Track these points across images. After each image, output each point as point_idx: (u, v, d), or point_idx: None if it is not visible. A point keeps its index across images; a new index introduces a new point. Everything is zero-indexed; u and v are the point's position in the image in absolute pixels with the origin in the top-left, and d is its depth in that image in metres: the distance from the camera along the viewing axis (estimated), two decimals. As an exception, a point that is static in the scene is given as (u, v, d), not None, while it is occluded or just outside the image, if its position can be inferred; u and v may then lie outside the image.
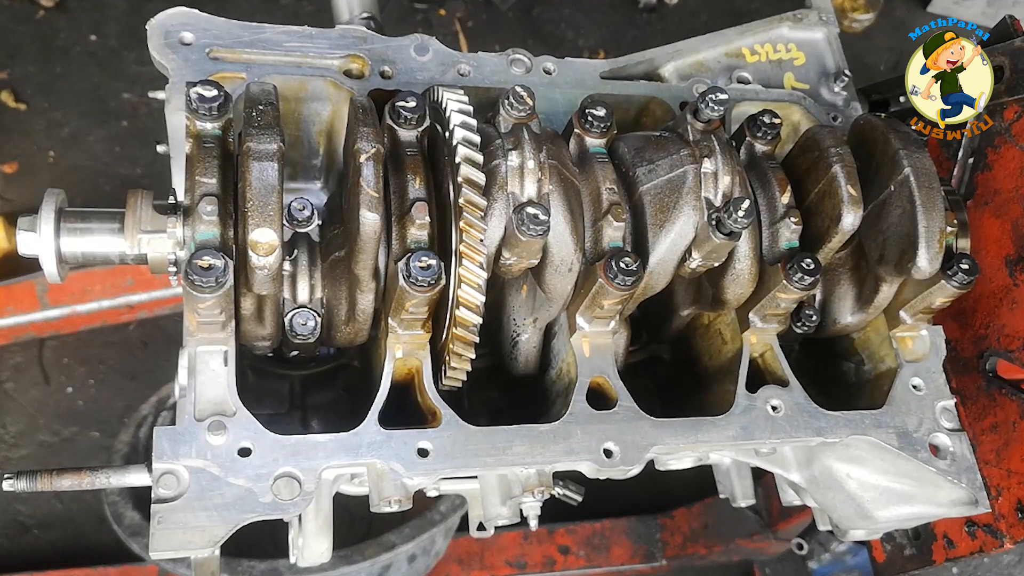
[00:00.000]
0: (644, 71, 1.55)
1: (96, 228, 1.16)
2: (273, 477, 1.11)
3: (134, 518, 2.67)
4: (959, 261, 1.35)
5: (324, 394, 1.52)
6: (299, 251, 1.26)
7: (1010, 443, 1.50)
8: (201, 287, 1.03)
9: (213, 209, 1.07)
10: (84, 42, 3.85)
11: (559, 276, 1.23)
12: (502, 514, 1.36)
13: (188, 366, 1.15)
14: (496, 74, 1.42)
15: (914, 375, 1.44)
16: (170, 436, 1.10)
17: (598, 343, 1.30)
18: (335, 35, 1.36)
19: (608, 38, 4.33)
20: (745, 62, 1.59)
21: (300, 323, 1.25)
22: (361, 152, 1.12)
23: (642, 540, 3.20)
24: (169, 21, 1.28)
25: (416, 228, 1.14)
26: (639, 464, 1.25)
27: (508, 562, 3.07)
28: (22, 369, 3.36)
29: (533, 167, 1.19)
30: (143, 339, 3.44)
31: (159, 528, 1.06)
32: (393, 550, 2.46)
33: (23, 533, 3.16)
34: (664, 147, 1.30)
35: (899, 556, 1.80)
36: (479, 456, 1.19)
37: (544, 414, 1.36)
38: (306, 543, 1.30)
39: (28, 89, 3.73)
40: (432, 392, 1.22)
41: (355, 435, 1.16)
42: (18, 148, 3.63)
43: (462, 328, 1.19)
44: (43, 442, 3.29)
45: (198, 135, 1.12)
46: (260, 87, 1.20)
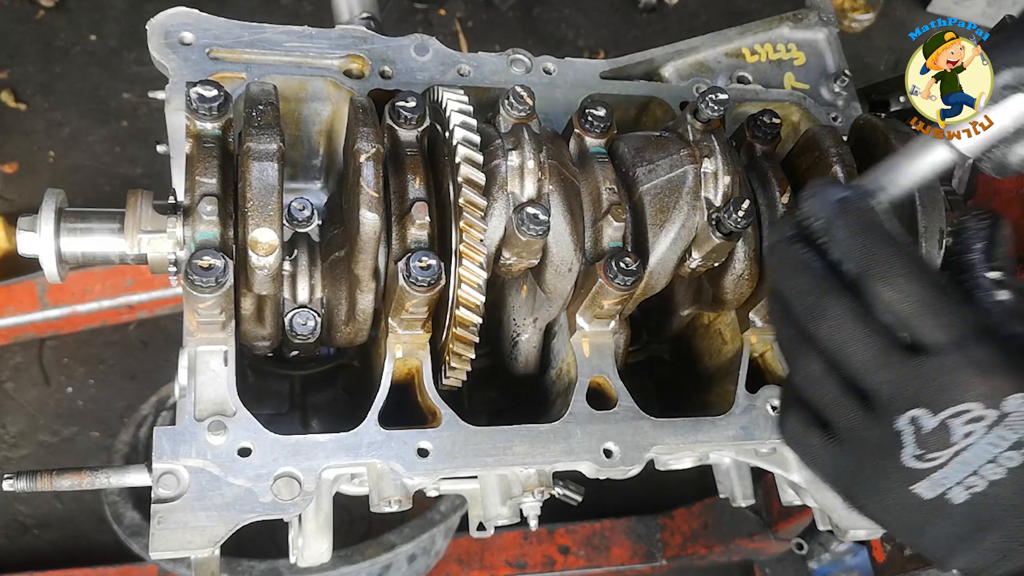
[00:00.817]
0: (644, 71, 1.55)
1: (96, 228, 1.16)
2: (273, 477, 1.11)
3: (134, 518, 2.67)
4: (959, 261, 1.35)
5: (324, 394, 1.52)
6: (299, 251, 1.26)
7: (1010, 443, 1.50)
8: (201, 287, 1.03)
9: (213, 209, 1.07)
10: (84, 42, 3.85)
11: (559, 276, 1.24)
12: (502, 514, 1.36)
13: (188, 366, 1.15)
14: (496, 74, 1.42)
15: (914, 375, 1.44)
16: (170, 436, 1.10)
17: (598, 343, 1.30)
18: (335, 35, 1.36)
19: (608, 38, 4.33)
20: (745, 62, 1.59)
21: (300, 323, 1.25)
22: (361, 152, 1.12)
23: (642, 540, 3.20)
24: (169, 21, 1.28)
25: (416, 228, 1.14)
26: (639, 464, 1.25)
27: (508, 562, 3.07)
28: (22, 369, 3.36)
29: (533, 167, 1.19)
30: (143, 339, 3.44)
31: (159, 528, 1.06)
32: (393, 550, 2.46)
33: (23, 533, 3.16)
34: (664, 147, 1.30)
35: (899, 556, 1.80)
36: (479, 456, 1.19)
37: (544, 414, 1.36)
38: (306, 543, 1.30)
39: (28, 89, 3.73)
40: (432, 392, 1.22)
41: (355, 435, 1.16)
42: (18, 148, 3.63)
43: (462, 328, 1.19)
44: (43, 442, 3.29)
45: (198, 135, 1.12)
46: (260, 87, 1.20)
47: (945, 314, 0.85)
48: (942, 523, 0.86)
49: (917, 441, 0.84)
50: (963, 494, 0.84)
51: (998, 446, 0.83)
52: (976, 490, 0.84)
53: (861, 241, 0.88)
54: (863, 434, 0.88)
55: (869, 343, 0.87)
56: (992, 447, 0.83)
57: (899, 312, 0.87)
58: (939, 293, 0.86)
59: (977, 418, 0.83)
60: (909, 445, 0.85)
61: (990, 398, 0.83)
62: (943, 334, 0.85)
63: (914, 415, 0.84)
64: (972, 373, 0.83)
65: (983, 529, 0.85)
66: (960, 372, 0.84)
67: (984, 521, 0.84)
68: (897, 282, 0.86)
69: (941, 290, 0.86)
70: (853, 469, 0.90)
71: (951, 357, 0.84)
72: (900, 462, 0.85)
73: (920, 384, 0.84)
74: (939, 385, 0.84)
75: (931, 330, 0.86)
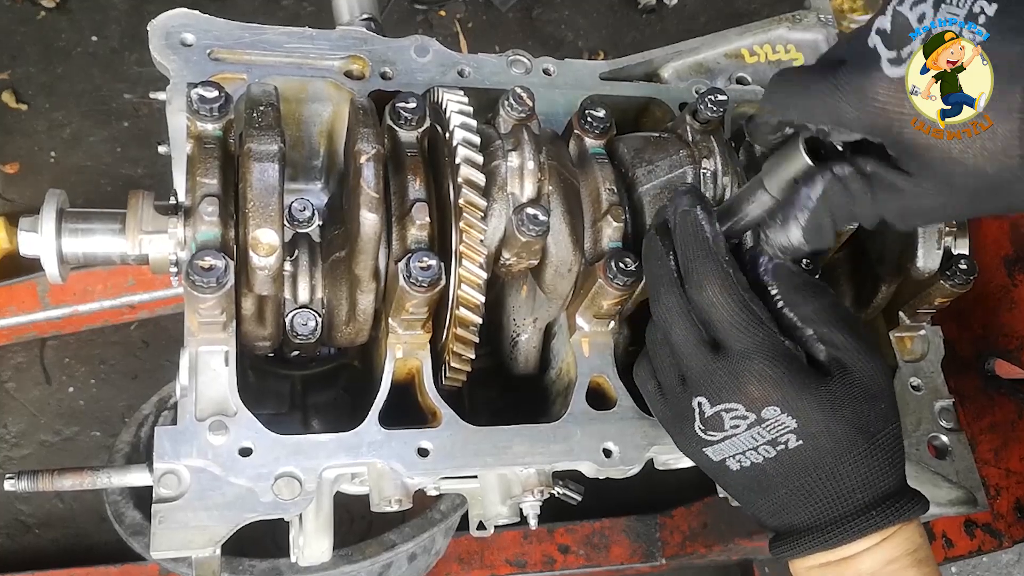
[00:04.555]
0: (643, 72, 1.56)
1: (97, 229, 1.17)
2: (274, 477, 1.11)
3: (135, 517, 2.67)
4: (958, 261, 1.36)
5: (325, 394, 1.53)
6: (300, 251, 1.27)
7: (1008, 443, 1.50)
8: (202, 287, 1.03)
9: (214, 210, 1.08)
10: (85, 43, 3.85)
11: (559, 276, 1.24)
12: (502, 513, 1.36)
13: (189, 366, 1.15)
14: (496, 75, 1.42)
15: (912, 375, 1.44)
16: (171, 436, 1.10)
17: (598, 343, 1.30)
18: (336, 36, 1.37)
19: (608, 39, 4.33)
20: (744, 63, 1.60)
21: (301, 323, 1.25)
22: (362, 153, 1.13)
23: (641, 539, 3.20)
24: (170, 22, 1.29)
25: (416, 228, 1.14)
26: (639, 464, 1.26)
27: (508, 561, 3.08)
28: (23, 369, 3.36)
29: (533, 168, 1.19)
30: (144, 339, 3.44)
31: (160, 527, 1.07)
32: (393, 549, 2.46)
33: (24, 532, 3.16)
34: (663, 148, 1.31)
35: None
36: (479, 456, 1.20)
37: (544, 414, 1.36)
38: (307, 542, 1.30)
39: (29, 90, 3.73)
40: (432, 392, 1.22)
41: (355, 435, 1.17)
42: (19, 149, 3.63)
43: (462, 328, 1.19)
44: (44, 442, 3.29)
45: (199, 136, 1.13)
46: (261, 88, 1.20)
47: (738, 327, 1.04)
48: (729, 480, 1.11)
49: (701, 420, 1.07)
50: (736, 465, 1.08)
51: (756, 440, 1.05)
52: (745, 465, 1.07)
53: (684, 249, 1.08)
54: (675, 400, 1.11)
55: (686, 333, 1.07)
56: (753, 440, 1.05)
57: (705, 314, 1.06)
58: (740, 307, 1.04)
59: (742, 416, 1.04)
60: (697, 421, 1.07)
61: (753, 403, 1.03)
62: (735, 343, 1.04)
63: (700, 401, 1.06)
64: (745, 381, 1.03)
65: (756, 492, 1.09)
66: (736, 378, 1.03)
67: (756, 487, 1.08)
68: (705, 290, 1.05)
69: (742, 304, 1.04)
70: (670, 422, 1.14)
71: (734, 364, 1.03)
72: (694, 430, 1.09)
73: (708, 378, 1.05)
74: (720, 384, 1.04)
75: (726, 337, 1.05)
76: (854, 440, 1.03)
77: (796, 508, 1.06)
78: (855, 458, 1.03)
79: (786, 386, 1.02)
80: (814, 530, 1.05)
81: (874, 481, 1.04)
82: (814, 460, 1.03)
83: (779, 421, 1.03)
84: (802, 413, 1.02)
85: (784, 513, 1.07)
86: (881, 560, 1.04)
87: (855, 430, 1.03)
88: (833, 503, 1.04)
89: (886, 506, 1.04)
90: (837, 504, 1.04)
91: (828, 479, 1.04)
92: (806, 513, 1.06)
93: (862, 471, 1.04)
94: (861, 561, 1.05)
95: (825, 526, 1.04)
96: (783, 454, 1.04)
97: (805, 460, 1.04)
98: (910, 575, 1.05)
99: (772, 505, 1.08)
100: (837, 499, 1.04)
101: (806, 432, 1.02)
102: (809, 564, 1.08)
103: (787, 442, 1.03)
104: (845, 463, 1.03)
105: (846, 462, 1.03)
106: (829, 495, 1.04)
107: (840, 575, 1.06)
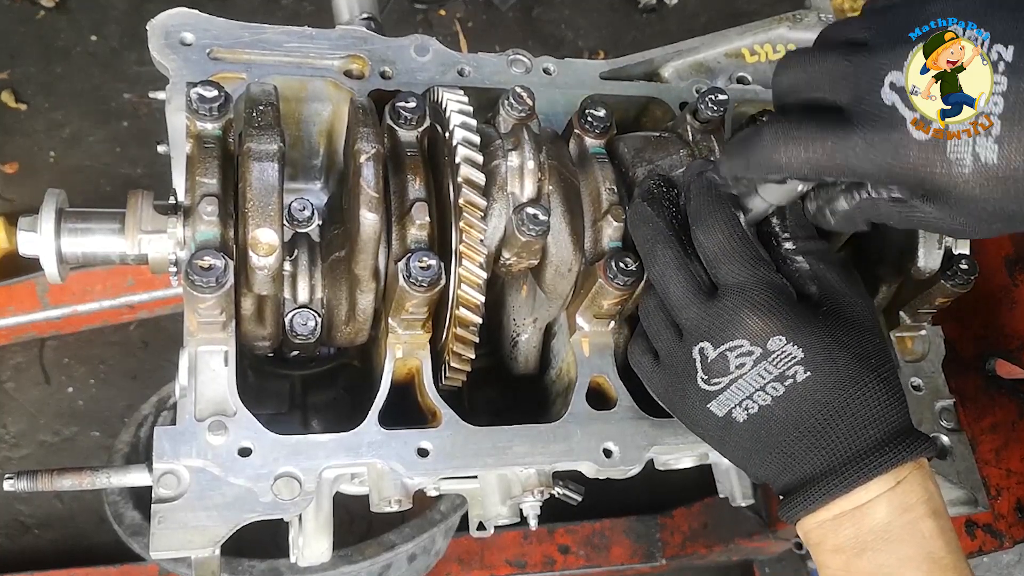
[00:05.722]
0: (644, 72, 1.55)
1: (97, 228, 1.16)
2: (273, 477, 1.11)
3: (134, 518, 2.67)
4: (958, 261, 1.35)
5: (324, 394, 1.52)
6: (299, 251, 1.27)
7: (1009, 443, 1.50)
8: (201, 287, 1.03)
9: (213, 209, 1.07)
10: (85, 42, 3.85)
11: (559, 276, 1.24)
12: (502, 514, 1.36)
13: (188, 366, 1.15)
14: (496, 75, 1.42)
15: (913, 375, 1.44)
16: (171, 436, 1.10)
17: (598, 343, 1.30)
18: (335, 36, 1.37)
19: (608, 39, 4.33)
20: (745, 63, 1.59)
21: (300, 323, 1.25)
22: (361, 152, 1.13)
23: (642, 539, 3.20)
24: (169, 21, 1.28)
25: (416, 228, 1.14)
26: (639, 464, 1.25)
27: (508, 561, 3.08)
28: (23, 369, 3.36)
29: (533, 167, 1.19)
30: (144, 339, 3.44)
31: (160, 528, 1.06)
32: (393, 549, 2.46)
33: (23, 533, 3.16)
34: (663, 147, 1.30)
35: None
36: (479, 456, 1.20)
37: (544, 414, 1.36)
38: (306, 542, 1.30)
39: (29, 89, 3.73)
40: (432, 392, 1.22)
41: (355, 435, 1.17)
42: (19, 148, 3.63)
43: (462, 328, 1.19)
44: (43, 442, 3.29)
45: (198, 135, 1.12)
46: (261, 87, 1.20)
47: (738, 261, 1.03)
48: (735, 438, 1.06)
49: (703, 368, 1.04)
50: (743, 414, 1.03)
51: (764, 377, 1.01)
52: (752, 411, 1.02)
53: (698, 199, 1.08)
54: (673, 359, 1.09)
55: (683, 285, 1.07)
56: (760, 378, 1.01)
57: (707, 254, 1.06)
58: (741, 245, 1.04)
59: (747, 352, 1.01)
60: (699, 371, 1.04)
61: (757, 336, 1.00)
62: (733, 278, 1.03)
63: (702, 346, 1.04)
64: (747, 314, 1.01)
65: (764, 447, 1.04)
66: (737, 312, 1.01)
67: (763, 440, 1.03)
68: (711, 230, 1.05)
69: (745, 243, 1.04)
70: (671, 388, 1.11)
71: (734, 299, 1.02)
72: (696, 384, 1.05)
73: (709, 321, 1.03)
74: (721, 322, 1.02)
75: (725, 273, 1.04)
76: (859, 371, 1.00)
77: (807, 455, 1.01)
78: (863, 390, 0.99)
79: (788, 315, 1.00)
80: (828, 474, 0.99)
81: (885, 415, 1.00)
82: (824, 394, 0.99)
83: (786, 352, 0.99)
84: (807, 342, 0.99)
85: (795, 464, 1.01)
86: (898, 506, 0.98)
87: (858, 360, 1.00)
88: (846, 441, 0.99)
89: (899, 440, 0.99)
90: (850, 441, 0.99)
91: (839, 415, 0.99)
92: (819, 458, 1.00)
93: (872, 404, 0.99)
94: (877, 508, 0.98)
95: (839, 467, 0.99)
96: (792, 390, 1.00)
97: (815, 395, 0.99)
98: (927, 526, 0.98)
99: (781, 459, 1.02)
100: (850, 436, 0.99)
101: (814, 362, 0.99)
102: (821, 519, 1.01)
103: (795, 375, 0.99)
104: (855, 396, 0.99)
105: (855, 395, 0.99)
106: (841, 433, 0.99)
107: (856, 526, 0.99)
